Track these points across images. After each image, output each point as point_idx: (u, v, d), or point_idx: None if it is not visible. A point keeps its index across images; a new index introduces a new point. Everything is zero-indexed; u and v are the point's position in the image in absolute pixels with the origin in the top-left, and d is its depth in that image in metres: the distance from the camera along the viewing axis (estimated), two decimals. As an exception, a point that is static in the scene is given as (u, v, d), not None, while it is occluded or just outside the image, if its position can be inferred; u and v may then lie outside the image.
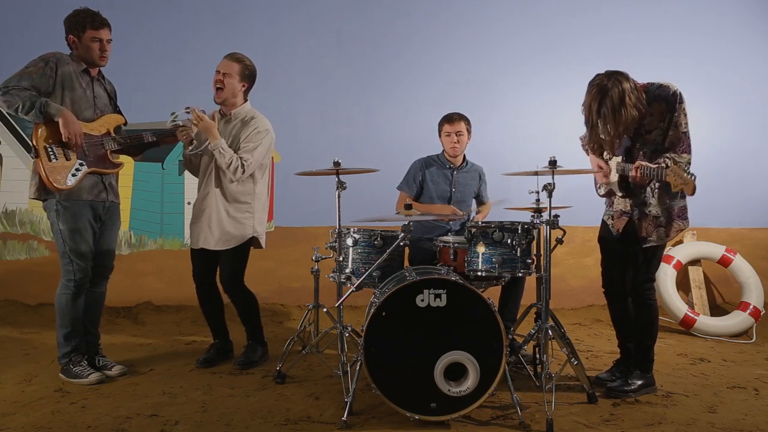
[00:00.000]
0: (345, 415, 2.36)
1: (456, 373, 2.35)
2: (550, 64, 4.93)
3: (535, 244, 2.86)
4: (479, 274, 2.84)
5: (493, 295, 2.83)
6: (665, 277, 4.32)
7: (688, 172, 2.37)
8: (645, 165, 2.51)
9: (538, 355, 2.83)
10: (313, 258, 3.17)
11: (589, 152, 2.93)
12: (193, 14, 4.87)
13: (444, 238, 3.18)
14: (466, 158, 3.75)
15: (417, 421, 2.36)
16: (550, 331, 2.63)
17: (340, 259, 2.81)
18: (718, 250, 4.50)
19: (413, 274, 2.61)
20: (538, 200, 2.77)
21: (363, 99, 4.93)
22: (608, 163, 2.81)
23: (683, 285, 4.65)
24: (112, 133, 3.00)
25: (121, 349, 3.61)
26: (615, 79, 2.52)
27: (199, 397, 2.73)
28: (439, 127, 3.70)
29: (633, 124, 2.57)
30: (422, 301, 2.38)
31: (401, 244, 2.78)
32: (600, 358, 3.49)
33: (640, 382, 2.75)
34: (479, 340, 2.36)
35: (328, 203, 3.75)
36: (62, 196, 2.84)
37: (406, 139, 4.73)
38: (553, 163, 2.56)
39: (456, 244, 3.04)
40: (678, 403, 2.67)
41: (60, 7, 2.93)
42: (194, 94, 4.63)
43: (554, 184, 2.58)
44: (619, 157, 2.73)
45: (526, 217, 2.91)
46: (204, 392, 2.79)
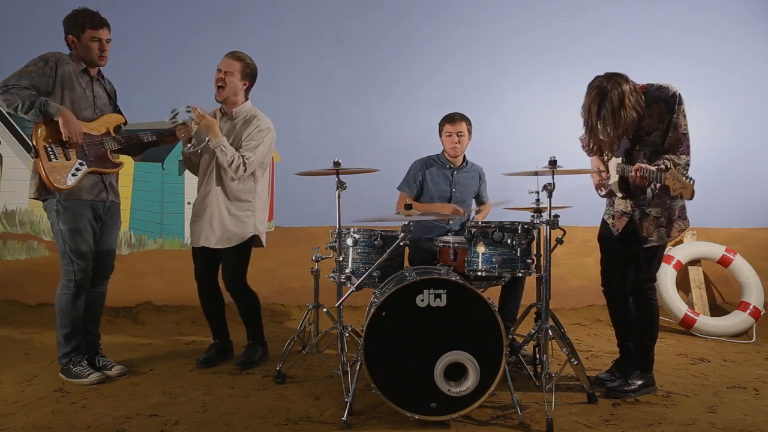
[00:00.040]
0: (345, 415, 2.36)
1: (456, 373, 2.35)
2: (550, 64, 4.93)
3: (535, 244, 2.86)
4: (479, 274, 2.84)
5: (493, 295, 2.83)
6: (665, 277, 4.32)
7: (687, 177, 2.36)
8: (644, 167, 2.51)
9: (538, 355, 2.83)
10: (313, 258, 3.17)
11: (589, 153, 2.93)
12: (193, 14, 4.87)
13: (444, 238, 3.18)
14: (466, 158, 3.75)
15: (417, 421, 2.36)
16: (550, 331, 2.63)
17: (340, 259, 2.81)
18: (718, 250, 4.50)
19: (413, 274, 2.61)
20: (538, 200, 2.77)
21: (363, 99, 4.93)
22: (607, 164, 2.81)
23: (683, 285, 4.65)
24: (112, 132, 2.99)
25: (121, 349, 3.61)
26: (614, 81, 2.52)
27: (199, 397, 2.73)
28: (439, 126, 3.70)
29: (632, 126, 2.57)
30: (422, 301, 2.38)
31: (401, 244, 2.78)
32: (600, 358, 3.49)
33: (640, 382, 2.75)
34: (479, 340, 2.36)
35: (328, 203, 3.75)
36: (62, 196, 2.84)
37: (406, 139, 4.73)
38: (553, 163, 2.56)
39: (456, 244, 3.04)
40: (678, 403, 2.67)
41: (60, 7, 2.93)
42: (194, 94, 4.63)
43: (554, 184, 2.58)
44: (619, 159, 2.73)
45: (526, 217, 2.91)
46: (204, 392, 2.79)
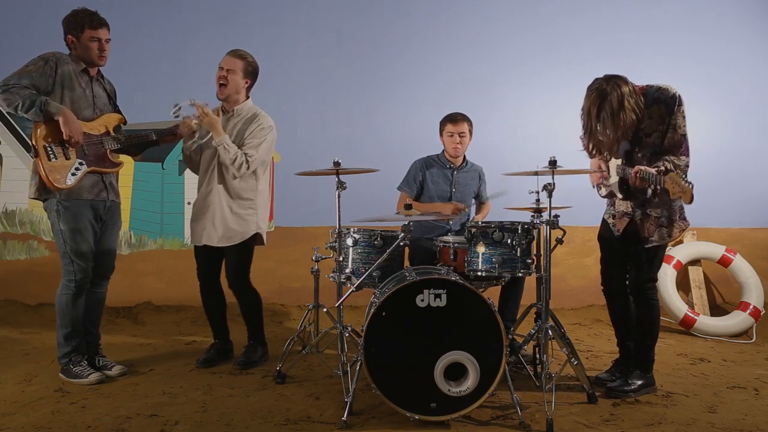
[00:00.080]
0: (345, 415, 2.36)
1: (456, 373, 2.35)
2: (550, 64, 4.93)
3: (535, 244, 2.86)
4: (479, 274, 2.84)
5: (493, 295, 2.83)
6: (665, 277, 4.32)
7: (687, 181, 2.37)
8: (644, 170, 2.51)
9: (538, 355, 2.83)
10: (313, 258, 3.17)
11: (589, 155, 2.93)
12: (193, 14, 4.87)
13: (444, 238, 3.18)
14: (466, 158, 3.75)
15: (417, 421, 2.36)
16: (550, 331, 2.63)
17: (340, 259, 2.81)
18: (718, 250, 4.50)
19: (413, 274, 2.61)
20: (538, 200, 2.77)
21: (363, 99, 4.93)
22: (608, 164, 2.81)
23: (683, 285, 4.65)
24: (112, 132, 2.99)
25: (121, 349, 3.61)
26: (614, 83, 2.52)
27: (199, 397, 2.73)
28: (440, 126, 3.69)
29: (632, 128, 2.56)
30: (422, 301, 2.38)
31: (401, 244, 2.78)
32: (600, 358, 3.49)
33: (640, 382, 2.75)
34: (479, 340, 2.36)
35: (328, 203, 3.75)
36: (62, 196, 2.84)
37: (406, 139, 4.73)
38: (553, 163, 2.56)
39: (456, 244, 3.03)
40: (678, 403, 2.67)
41: (60, 7, 2.93)
42: (194, 94, 4.60)
43: (554, 184, 2.58)
44: (619, 160, 2.73)
45: (526, 217, 2.91)
46: (204, 392, 2.79)
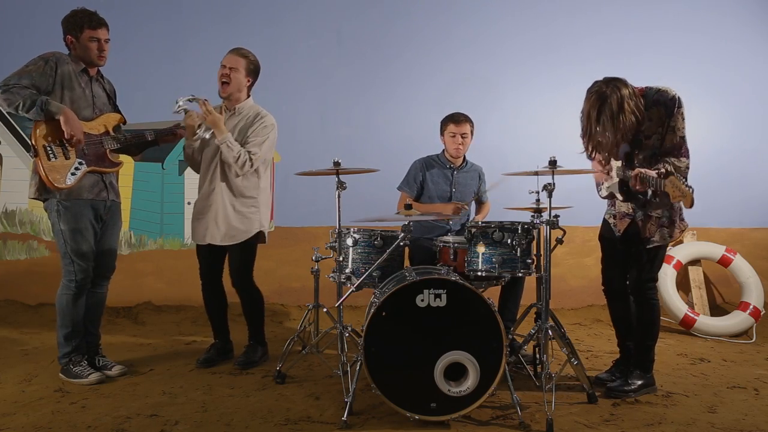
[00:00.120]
0: (345, 415, 2.36)
1: (456, 373, 2.35)
2: (550, 64, 4.93)
3: (535, 244, 2.86)
4: (479, 274, 2.84)
5: (493, 295, 2.83)
6: (665, 277, 4.32)
7: (687, 185, 2.37)
8: (644, 172, 2.51)
9: (538, 355, 2.83)
10: (313, 258, 3.17)
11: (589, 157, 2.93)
12: (193, 14, 4.87)
13: (444, 238, 3.18)
14: (465, 158, 3.75)
15: (417, 421, 2.36)
16: (550, 331, 2.63)
17: (340, 259, 2.81)
18: (718, 250, 4.50)
19: (413, 274, 2.61)
20: (538, 200, 2.77)
21: (363, 99, 4.93)
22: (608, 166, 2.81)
23: (683, 285, 4.65)
24: (111, 132, 2.99)
25: (121, 349, 3.61)
26: (613, 85, 2.52)
27: (199, 397, 2.73)
28: (442, 126, 3.67)
29: (632, 130, 2.56)
30: (422, 301, 2.38)
31: (401, 244, 2.78)
32: (600, 358, 3.49)
33: (640, 382, 2.75)
34: (479, 340, 2.36)
35: (328, 203, 3.75)
36: (63, 196, 2.84)
37: (406, 139, 4.73)
38: (553, 163, 2.56)
39: (456, 244, 3.03)
40: (678, 403, 2.67)
41: (60, 7, 2.93)
42: (193, 94, 4.63)
43: (554, 184, 2.58)
44: (619, 162, 2.73)
45: (526, 217, 2.91)
46: (204, 392, 2.79)
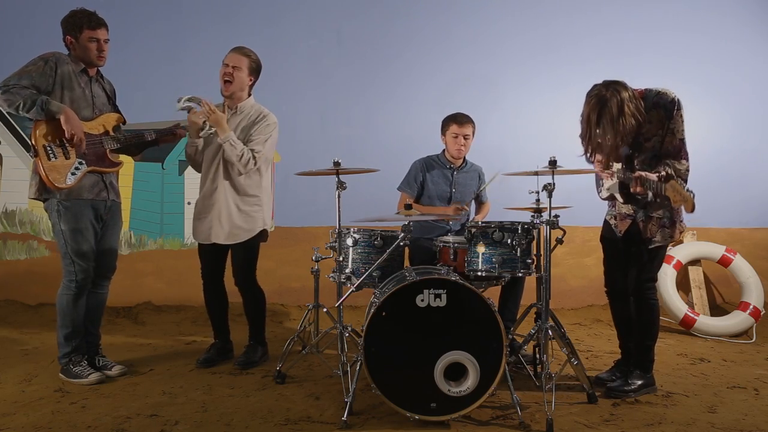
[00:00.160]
0: (345, 415, 2.36)
1: (456, 373, 2.35)
2: (550, 64, 4.93)
3: (535, 244, 2.86)
4: (479, 274, 2.84)
5: (493, 295, 2.83)
6: (665, 277, 4.31)
7: (688, 190, 2.38)
8: (644, 176, 2.51)
9: (538, 355, 2.83)
10: (313, 258, 3.17)
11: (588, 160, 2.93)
12: (193, 14, 4.87)
13: (444, 238, 3.18)
14: (465, 158, 3.74)
15: (417, 421, 2.36)
16: (550, 331, 2.63)
17: (340, 259, 2.82)
18: (718, 250, 4.50)
19: (413, 274, 2.61)
20: (538, 200, 2.77)
21: (363, 99, 4.93)
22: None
23: (683, 285, 4.65)
24: (111, 131, 2.99)
25: (121, 349, 3.61)
26: (613, 88, 2.52)
27: (199, 397, 2.73)
28: (444, 125, 3.65)
29: (632, 133, 2.56)
30: (422, 301, 2.38)
31: (401, 244, 2.78)
32: (600, 358, 3.49)
33: (640, 382, 2.75)
34: (479, 340, 2.36)
35: (328, 203, 3.75)
36: (63, 196, 2.84)
37: (406, 139, 4.73)
38: (553, 163, 2.56)
39: (456, 244, 3.03)
40: (678, 403, 2.67)
41: (60, 7, 2.92)
42: (194, 94, 4.62)
43: (554, 184, 2.58)
44: (619, 164, 2.73)
45: (526, 217, 2.91)
46: (204, 392, 2.79)
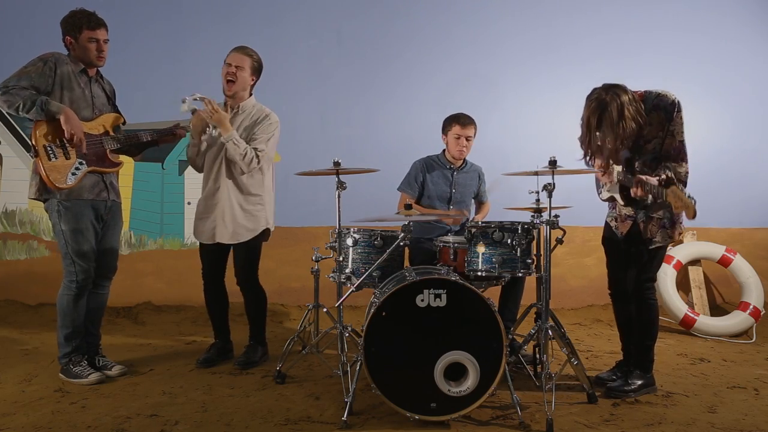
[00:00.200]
0: (345, 415, 2.36)
1: (456, 373, 2.35)
2: (550, 64, 4.93)
3: (535, 244, 2.86)
4: (479, 274, 2.84)
5: (493, 295, 2.83)
6: (665, 277, 4.32)
7: (690, 196, 2.38)
8: (645, 180, 2.51)
9: (538, 355, 2.83)
10: (313, 258, 3.17)
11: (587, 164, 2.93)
12: (193, 14, 4.87)
13: (444, 238, 3.18)
14: (465, 158, 3.74)
15: (417, 421, 2.36)
16: (550, 331, 2.63)
17: (340, 259, 2.81)
18: (718, 250, 4.50)
19: (413, 274, 2.61)
20: (538, 200, 2.77)
21: (363, 99, 4.93)
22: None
23: (683, 285, 4.65)
24: (111, 132, 3.00)
25: (121, 349, 3.61)
26: (613, 92, 2.52)
27: (199, 397, 2.73)
28: (446, 125, 3.62)
29: (632, 136, 2.56)
30: (422, 301, 2.38)
31: (401, 244, 2.78)
32: (600, 358, 3.49)
33: (640, 382, 2.75)
34: (479, 340, 2.36)
35: (328, 203, 3.74)
36: (63, 196, 2.84)
37: (406, 139, 4.73)
38: (553, 163, 2.56)
39: (456, 244, 3.03)
40: (678, 403, 2.67)
41: (60, 7, 2.92)
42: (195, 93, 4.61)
43: (554, 184, 2.58)
44: (620, 167, 2.73)
45: (526, 217, 2.91)
46: (204, 392, 2.79)
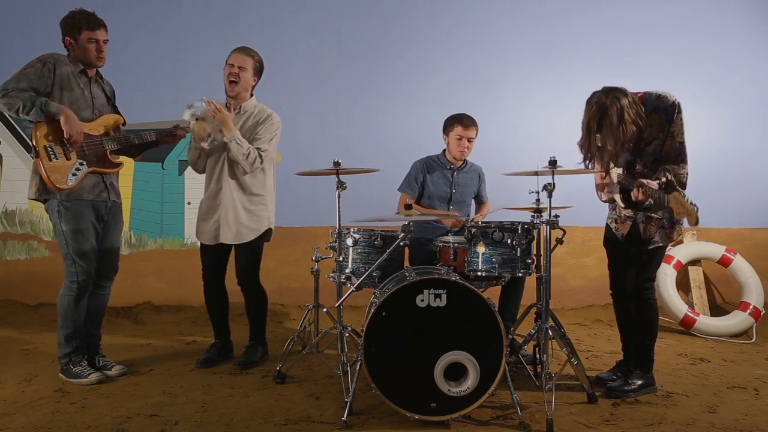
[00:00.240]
0: (345, 415, 2.36)
1: (456, 373, 2.35)
2: (550, 64, 4.93)
3: (535, 244, 2.86)
4: (479, 274, 2.84)
5: (493, 295, 2.83)
6: (665, 277, 4.32)
7: (692, 203, 2.38)
8: (646, 184, 2.52)
9: (538, 355, 2.83)
10: (313, 258, 3.17)
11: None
12: (193, 14, 4.87)
13: (444, 238, 3.18)
14: (465, 158, 3.74)
15: (417, 421, 2.36)
16: (550, 331, 2.63)
17: (340, 259, 2.82)
18: (718, 250, 4.50)
19: (413, 274, 2.61)
20: (538, 200, 2.77)
21: (363, 99, 4.93)
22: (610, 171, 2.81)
23: (683, 285, 4.65)
24: (111, 132, 3.00)
25: (121, 349, 3.61)
26: (613, 96, 2.52)
27: (199, 397, 2.73)
28: (448, 126, 3.60)
29: (633, 140, 2.57)
30: (422, 301, 2.38)
31: (401, 244, 2.78)
32: (600, 358, 3.49)
33: (640, 382, 2.75)
34: (479, 340, 2.36)
35: (328, 203, 3.74)
36: (63, 196, 2.83)
37: (406, 139, 4.73)
38: (553, 163, 2.56)
39: (456, 244, 3.03)
40: (678, 403, 2.67)
41: (60, 7, 2.92)
42: (194, 94, 4.58)
43: (554, 184, 2.58)
44: (620, 169, 2.73)
45: (526, 217, 2.91)
46: (204, 392, 2.79)
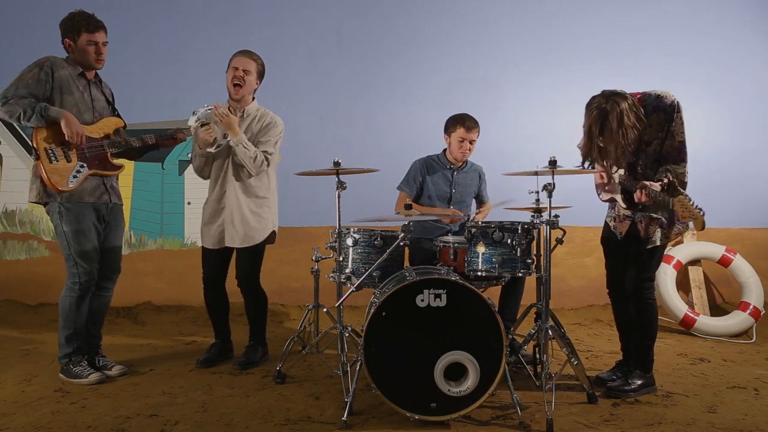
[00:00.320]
0: (345, 415, 2.37)
1: (456, 373, 2.35)
2: (550, 64, 4.93)
3: (535, 244, 2.86)
4: (479, 274, 2.84)
5: (493, 295, 2.83)
6: (665, 277, 4.32)
7: (698, 207, 2.39)
8: (649, 186, 2.52)
9: (538, 355, 2.83)
10: (313, 258, 3.17)
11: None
12: (193, 14, 4.87)
13: (444, 238, 3.18)
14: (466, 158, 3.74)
15: (417, 421, 2.36)
16: (550, 331, 2.63)
17: (340, 259, 2.82)
18: (718, 250, 4.50)
19: (413, 274, 2.61)
20: (538, 200, 2.77)
21: (363, 99, 4.93)
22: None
23: (683, 285, 4.65)
24: (112, 135, 2.99)
25: (121, 349, 3.61)
26: (613, 100, 2.53)
27: (199, 397, 2.73)
28: (450, 126, 3.58)
29: (634, 143, 2.57)
30: (422, 301, 2.38)
31: (401, 244, 2.78)
32: (600, 358, 3.49)
33: (640, 382, 2.75)
34: (479, 340, 2.36)
35: (328, 203, 3.76)
36: (64, 198, 2.83)
37: (406, 139, 4.73)
38: (553, 163, 2.56)
39: (456, 244, 3.03)
40: (678, 403, 2.67)
41: (60, 8, 2.92)
42: (194, 94, 4.64)
43: (554, 184, 2.58)
44: (621, 170, 2.73)
45: (526, 217, 2.91)
46: (204, 392, 2.79)
